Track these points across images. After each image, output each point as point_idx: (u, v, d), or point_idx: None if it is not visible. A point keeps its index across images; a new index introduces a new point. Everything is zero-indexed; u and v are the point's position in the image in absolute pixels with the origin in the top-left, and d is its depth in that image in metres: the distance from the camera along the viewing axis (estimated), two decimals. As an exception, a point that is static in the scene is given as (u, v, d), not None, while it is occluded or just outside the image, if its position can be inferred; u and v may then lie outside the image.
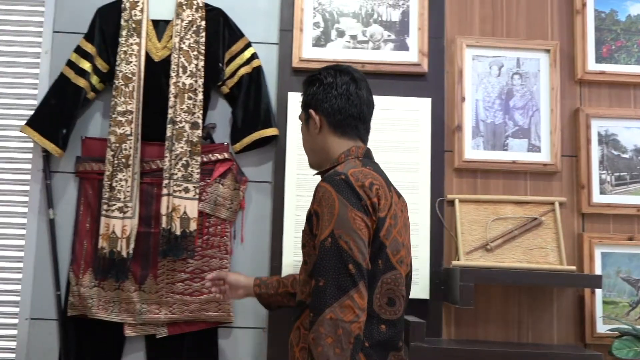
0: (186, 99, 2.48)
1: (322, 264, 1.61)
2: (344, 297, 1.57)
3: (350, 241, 1.62)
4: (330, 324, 1.55)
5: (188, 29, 2.54)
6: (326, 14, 2.67)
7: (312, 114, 1.87)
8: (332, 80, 1.88)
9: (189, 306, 2.49)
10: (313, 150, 1.92)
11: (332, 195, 1.66)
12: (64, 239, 2.58)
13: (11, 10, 2.72)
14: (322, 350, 1.54)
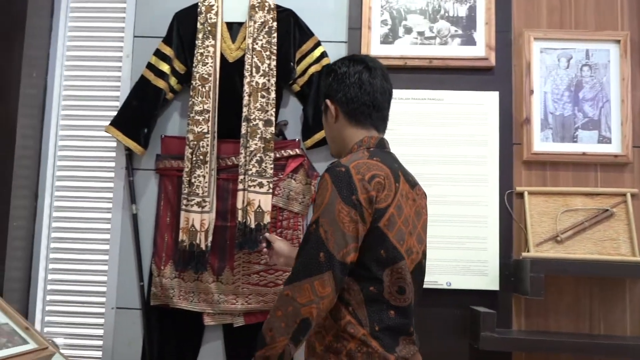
0: (259, 97, 2.57)
1: (302, 246, 1.69)
2: (305, 280, 1.64)
3: (330, 231, 1.66)
4: (284, 299, 1.65)
5: (260, 30, 2.63)
6: (393, 11, 2.73)
7: (328, 103, 1.91)
8: (345, 70, 1.90)
9: (264, 296, 2.59)
10: (333, 139, 1.96)
11: (327, 186, 1.70)
12: (146, 233, 2.72)
13: (94, 17, 2.88)
14: (271, 319, 1.66)
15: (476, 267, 2.58)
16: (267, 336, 1.65)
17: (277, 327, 1.64)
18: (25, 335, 2.26)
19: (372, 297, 1.72)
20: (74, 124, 2.83)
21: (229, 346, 2.66)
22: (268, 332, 1.65)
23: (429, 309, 2.57)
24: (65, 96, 2.84)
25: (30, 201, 2.73)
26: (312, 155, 2.69)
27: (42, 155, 2.78)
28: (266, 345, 1.65)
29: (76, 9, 2.88)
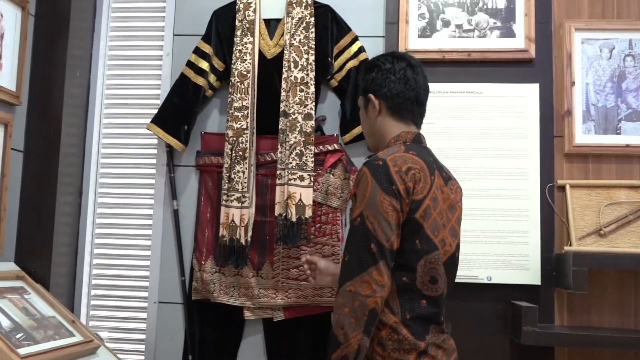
0: (298, 91, 2.59)
1: (349, 241, 1.74)
2: (364, 273, 1.68)
3: (376, 222, 1.71)
4: (348, 295, 1.68)
5: (298, 25, 2.65)
6: (431, 4, 2.71)
7: (371, 98, 1.94)
8: (390, 67, 1.94)
9: (303, 291, 2.60)
10: (371, 133, 1.99)
11: (367, 179, 1.74)
12: (187, 228, 2.76)
13: (135, 17, 2.93)
14: (339, 318, 1.68)
15: (517, 261, 2.55)
16: (339, 335, 1.67)
17: (348, 323, 1.67)
18: (72, 328, 2.32)
19: (405, 286, 1.76)
20: (116, 122, 2.89)
21: (269, 340, 2.68)
22: (340, 331, 1.67)
23: (470, 304, 2.56)
24: (107, 95, 2.90)
25: (74, 198, 2.79)
26: (351, 150, 2.69)
27: (85, 153, 2.85)
28: (341, 345, 1.67)
29: (117, 9, 2.94)
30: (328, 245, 2.62)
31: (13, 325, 2.05)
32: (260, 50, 2.68)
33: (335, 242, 2.63)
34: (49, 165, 2.63)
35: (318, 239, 2.62)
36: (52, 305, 2.37)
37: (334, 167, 2.66)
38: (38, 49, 2.64)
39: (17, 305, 2.19)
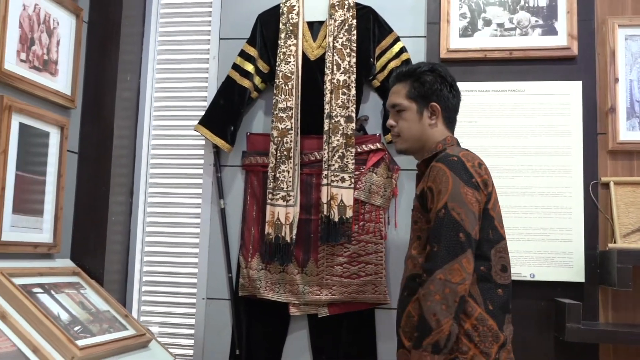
0: (340, 94, 2.64)
1: (437, 232, 1.81)
2: (453, 261, 1.76)
3: (462, 213, 1.80)
4: (439, 283, 1.75)
5: (341, 28, 2.70)
6: (472, 4, 2.73)
7: (436, 107, 2.03)
8: (451, 80, 2.07)
9: (347, 288, 2.65)
10: (419, 138, 2.06)
11: (446, 173, 1.84)
12: (233, 226, 2.83)
13: (182, 22, 3.02)
14: (431, 304, 1.74)
15: (561, 258, 2.55)
16: (431, 321, 1.73)
17: (439, 310, 1.73)
18: (125, 322, 2.41)
19: (483, 276, 1.85)
20: (165, 124, 2.99)
21: (314, 335, 2.73)
22: (432, 317, 1.73)
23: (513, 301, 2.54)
24: (156, 98, 3.00)
25: (126, 198, 2.90)
26: (393, 149, 2.72)
27: (136, 154, 2.95)
28: (433, 330, 1.73)
29: (165, 15, 3.04)
30: (371, 243, 2.67)
31: (71, 319, 2.15)
32: (303, 52, 2.74)
33: (378, 239, 2.67)
34: (102, 166, 2.74)
35: (361, 236, 2.67)
36: (106, 300, 2.47)
37: (376, 166, 2.70)
38: (91, 54, 2.75)
39: (75, 299, 2.29)
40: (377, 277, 2.64)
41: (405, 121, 2.07)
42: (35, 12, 2.37)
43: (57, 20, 2.50)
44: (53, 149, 2.49)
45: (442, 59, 2.70)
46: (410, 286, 1.94)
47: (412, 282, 1.93)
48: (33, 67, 2.36)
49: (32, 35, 2.35)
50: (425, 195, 1.90)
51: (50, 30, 2.46)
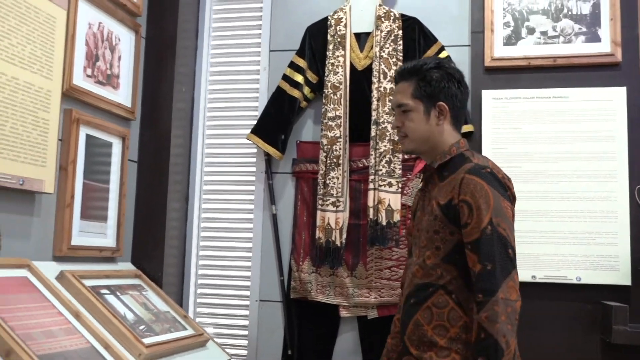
0: (387, 101, 2.73)
1: (487, 249, 1.74)
2: (508, 278, 1.73)
3: (507, 228, 1.77)
4: (503, 303, 1.70)
5: (387, 38, 2.79)
6: (516, 13, 2.79)
7: (443, 107, 1.92)
8: (458, 76, 1.96)
9: (395, 290, 2.73)
10: (427, 140, 1.95)
11: (484, 187, 1.78)
12: (285, 231, 2.94)
13: (233, 35, 3.15)
14: (500, 326, 1.68)
15: (607, 262, 2.59)
16: (502, 343, 1.68)
17: (507, 330, 1.69)
18: (184, 322, 2.53)
19: None
20: (218, 133, 3.11)
21: (364, 337, 2.82)
22: (502, 339, 1.68)
23: (559, 304, 2.62)
24: (210, 108, 3.13)
25: (182, 204, 3.03)
26: (439, 156, 2.80)
27: (191, 162, 3.08)
28: (505, 352, 1.68)
29: (217, 28, 3.17)
30: (418, 247, 2.74)
31: (136, 318, 2.28)
32: (351, 62, 2.84)
33: None
34: (159, 174, 2.87)
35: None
36: (166, 301, 2.60)
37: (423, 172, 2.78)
38: (149, 68, 2.89)
39: (138, 300, 2.42)
40: (424, 280, 2.71)
41: (412, 122, 1.95)
42: (99, 30, 2.52)
43: (119, 36, 2.65)
44: (115, 158, 2.63)
45: (486, 67, 2.77)
46: (419, 295, 1.89)
47: (423, 291, 1.88)
48: (98, 82, 2.50)
49: (96, 52, 2.50)
50: (457, 209, 1.82)
51: (113, 46, 2.61)
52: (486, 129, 2.73)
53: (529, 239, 2.64)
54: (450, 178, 1.87)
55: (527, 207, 2.63)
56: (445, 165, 1.93)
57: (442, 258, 1.86)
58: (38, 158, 2.10)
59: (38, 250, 2.20)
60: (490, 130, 2.72)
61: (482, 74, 2.79)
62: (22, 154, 2.03)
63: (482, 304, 1.72)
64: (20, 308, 1.83)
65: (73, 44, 2.33)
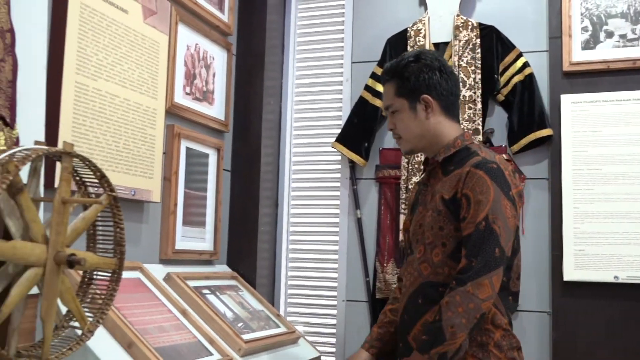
0: (467, 109, 2.83)
1: (477, 245, 1.71)
2: (484, 276, 1.68)
3: (502, 227, 1.71)
4: (466, 296, 1.67)
5: (465, 47, 2.89)
6: (594, 17, 2.83)
7: (427, 99, 1.87)
8: (438, 64, 1.90)
9: (478, 291, 2.82)
10: (421, 136, 1.91)
11: (487, 182, 1.73)
12: (369, 234, 3.09)
13: (317, 48, 3.32)
14: (452, 315, 1.67)
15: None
16: (447, 332, 1.67)
17: (458, 323, 1.67)
18: (277, 320, 2.71)
19: (503, 285, 1.78)
20: (305, 142, 3.29)
21: (447, 336, 2.92)
22: (449, 329, 1.67)
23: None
24: (296, 118, 3.32)
25: (272, 209, 3.22)
26: (519, 159, 2.88)
27: (280, 170, 3.27)
28: (445, 341, 1.67)
29: (302, 42, 3.35)
30: (500, 248, 2.82)
31: (235, 316, 2.47)
32: (430, 71, 2.95)
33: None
34: (251, 182, 3.07)
35: (490, 242, 2.83)
36: (260, 301, 2.79)
37: (503, 175, 2.86)
38: (240, 83, 3.10)
39: (235, 300, 2.62)
40: (506, 281, 2.79)
41: (401, 122, 1.92)
42: (196, 51, 2.73)
43: (213, 55, 2.86)
44: (212, 168, 2.84)
45: (564, 72, 2.82)
46: (428, 294, 1.84)
47: (432, 290, 1.83)
48: (195, 98, 2.72)
49: (194, 71, 2.71)
50: (459, 202, 1.78)
51: (208, 65, 2.82)
52: (565, 133, 2.78)
53: (611, 240, 2.68)
54: (455, 172, 1.82)
55: (608, 208, 2.67)
56: (450, 158, 1.88)
57: (449, 255, 1.81)
58: (146, 170, 2.33)
59: (147, 254, 2.43)
60: (570, 133, 2.77)
61: (560, 78, 2.84)
62: (133, 167, 2.25)
63: (450, 290, 1.71)
64: (136, 306, 2.05)
65: (174, 65, 2.55)
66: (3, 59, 1.62)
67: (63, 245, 1.44)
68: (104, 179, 1.56)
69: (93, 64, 2.07)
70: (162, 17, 2.43)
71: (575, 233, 2.70)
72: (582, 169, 2.71)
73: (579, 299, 2.68)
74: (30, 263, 1.38)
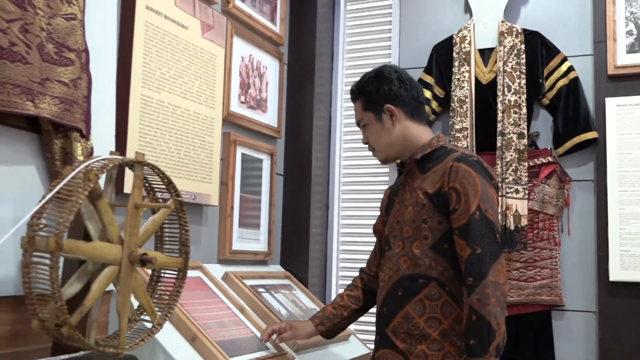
0: (512, 113, 2.90)
1: (477, 234, 1.79)
2: (496, 262, 1.77)
3: (494, 214, 1.82)
4: (493, 286, 1.74)
5: (510, 53, 2.96)
6: (638, 21, 2.87)
7: (390, 108, 1.98)
8: (395, 75, 2.02)
9: (524, 290, 2.89)
10: (392, 143, 2.02)
11: (472, 174, 1.83)
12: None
13: (365, 56, 3.44)
14: (491, 309, 1.72)
15: None
16: (494, 325, 1.72)
17: (497, 312, 1.73)
18: (329, 318, 2.83)
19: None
20: (354, 146, 3.41)
21: (494, 334, 3.00)
22: (494, 321, 1.72)
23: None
24: (345, 124, 3.44)
25: (323, 212, 3.35)
26: (564, 162, 2.94)
27: (330, 173, 3.40)
28: (496, 333, 1.73)
29: (350, 50, 3.47)
30: (546, 249, 2.89)
31: (289, 313, 2.60)
32: (476, 77, 3.04)
33: (552, 246, 2.89)
34: (302, 186, 3.20)
35: (536, 243, 2.90)
36: (312, 299, 2.92)
37: (548, 177, 2.92)
38: (291, 90, 3.24)
39: (288, 298, 2.75)
40: (552, 281, 2.86)
41: (372, 133, 2.05)
42: (250, 62, 2.88)
43: (266, 65, 3.00)
44: (265, 172, 2.98)
45: (609, 76, 2.86)
46: (408, 286, 1.90)
47: (412, 283, 1.89)
48: (249, 107, 2.86)
49: (248, 81, 2.86)
50: (447, 196, 1.85)
51: (261, 74, 2.96)
52: (611, 135, 2.83)
53: (657, 241, 2.72)
54: (435, 169, 1.92)
55: (654, 209, 2.72)
56: (427, 157, 1.97)
57: (431, 247, 1.88)
58: (205, 176, 2.48)
59: (206, 254, 2.58)
60: (615, 136, 2.81)
61: (605, 82, 2.89)
62: (193, 173, 2.41)
63: (472, 287, 1.75)
64: (198, 302, 2.20)
65: (230, 76, 2.70)
66: (79, 76, 1.79)
67: (136, 245, 1.59)
68: (171, 185, 1.71)
69: (157, 77, 2.23)
70: (219, 31, 2.58)
71: (620, 234, 2.75)
72: (627, 171, 2.75)
73: (625, 299, 2.72)
74: (108, 262, 1.54)
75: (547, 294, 2.87)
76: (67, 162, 1.73)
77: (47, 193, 1.46)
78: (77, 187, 1.44)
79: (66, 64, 1.74)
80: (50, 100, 1.66)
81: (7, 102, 1.55)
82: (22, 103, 1.59)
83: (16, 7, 1.59)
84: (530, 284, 2.88)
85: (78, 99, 1.77)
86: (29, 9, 1.62)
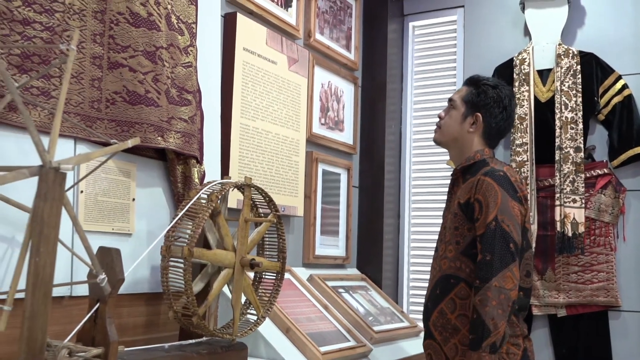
0: (569, 129, 3.15)
1: (489, 242, 1.97)
2: (506, 269, 1.93)
3: (511, 225, 1.97)
4: (495, 290, 1.91)
5: (567, 73, 3.21)
6: (689, 41, 3.08)
7: (479, 117, 2.17)
8: (507, 102, 2.19)
9: (582, 292, 3.13)
10: (455, 139, 2.23)
11: (494, 188, 2.00)
12: (482, 242, 3.46)
13: (431, 76, 3.75)
14: (489, 310, 1.91)
15: None
16: (490, 325, 1.90)
17: (496, 314, 1.91)
18: (401, 316, 3.16)
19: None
20: (423, 160, 3.72)
21: (554, 333, 3.25)
22: (490, 321, 1.90)
23: None
24: (414, 139, 3.75)
25: (395, 220, 3.67)
26: (620, 173, 3.16)
27: (401, 185, 3.72)
28: (491, 333, 1.91)
29: (418, 72, 3.78)
30: (602, 254, 3.13)
31: (365, 312, 2.95)
32: (535, 96, 3.30)
33: (608, 251, 3.12)
34: (376, 197, 3.54)
35: (593, 249, 3.14)
36: (385, 299, 3.24)
37: (604, 188, 3.16)
38: (365, 110, 3.58)
39: (365, 298, 3.09)
40: (609, 284, 3.09)
41: (450, 118, 2.24)
42: (329, 87, 3.24)
43: (342, 89, 3.35)
44: (343, 185, 3.33)
45: (662, 93, 3.08)
46: (443, 285, 2.13)
47: (446, 282, 2.11)
48: (329, 128, 3.22)
49: (327, 104, 3.22)
50: (472, 206, 2.04)
51: (338, 98, 3.32)
52: (663, 149, 3.04)
53: None
54: (470, 180, 2.11)
55: None
56: (468, 168, 2.17)
57: (461, 251, 2.10)
58: (292, 190, 2.85)
59: (293, 259, 2.95)
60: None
61: (659, 98, 3.11)
62: (282, 188, 2.78)
63: (478, 289, 1.96)
64: (289, 300, 2.57)
65: (312, 102, 3.07)
66: (195, 113, 2.18)
67: (245, 252, 1.97)
68: (272, 203, 2.08)
69: (252, 107, 2.62)
70: (302, 63, 2.95)
71: (677, 240, 2.96)
72: (681, 181, 2.96)
73: (676, 300, 2.93)
74: (225, 265, 1.91)
75: (604, 295, 3.10)
76: (186, 184, 2.12)
77: (178, 211, 1.85)
78: (202, 207, 1.83)
79: (185, 104, 2.13)
80: (174, 135, 2.06)
81: (145, 138, 1.95)
82: (155, 138, 1.98)
83: (149, 62, 1.99)
84: (588, 286, 3.12)
85: (194, 132, 2.17)
86: (158, 62, 2.02)
